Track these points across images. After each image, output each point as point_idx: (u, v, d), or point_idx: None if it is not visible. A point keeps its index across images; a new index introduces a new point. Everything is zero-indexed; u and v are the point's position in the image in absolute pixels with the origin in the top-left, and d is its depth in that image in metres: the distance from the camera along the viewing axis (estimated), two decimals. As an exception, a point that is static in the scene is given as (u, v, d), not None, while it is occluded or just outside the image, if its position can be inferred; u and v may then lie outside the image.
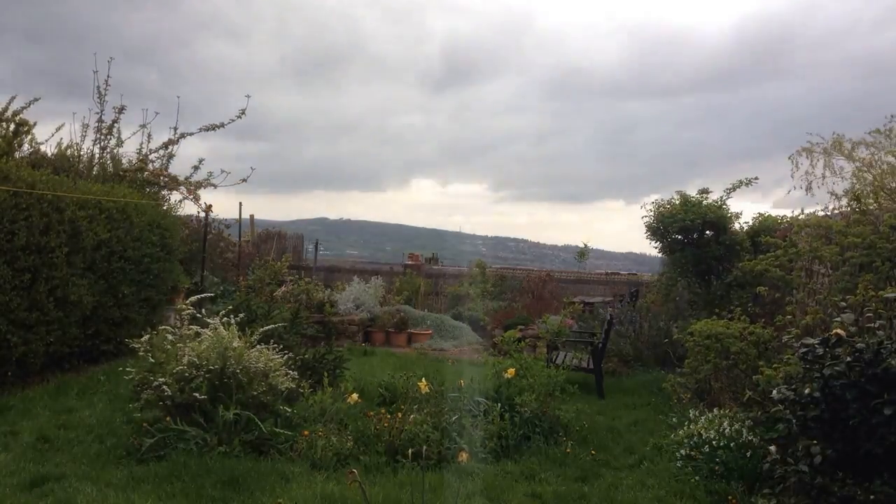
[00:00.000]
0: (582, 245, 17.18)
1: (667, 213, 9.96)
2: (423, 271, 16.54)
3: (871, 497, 3.74)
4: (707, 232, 9.84)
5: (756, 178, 9.97)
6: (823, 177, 7.14)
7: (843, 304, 5.02)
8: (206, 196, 12.01)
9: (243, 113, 12.03)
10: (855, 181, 6.87)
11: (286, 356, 6.33)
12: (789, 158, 7.47)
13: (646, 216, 10.38)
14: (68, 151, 10.54)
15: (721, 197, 10.01)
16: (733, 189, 10.03)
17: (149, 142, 11.62)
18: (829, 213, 7.14)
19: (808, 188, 7.21)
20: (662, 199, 10.28)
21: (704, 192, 10.09)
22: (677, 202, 10.03)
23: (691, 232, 9.84)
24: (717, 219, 9.70)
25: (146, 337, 5.99)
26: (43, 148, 10.36)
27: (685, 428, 5.74)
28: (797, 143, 7.44)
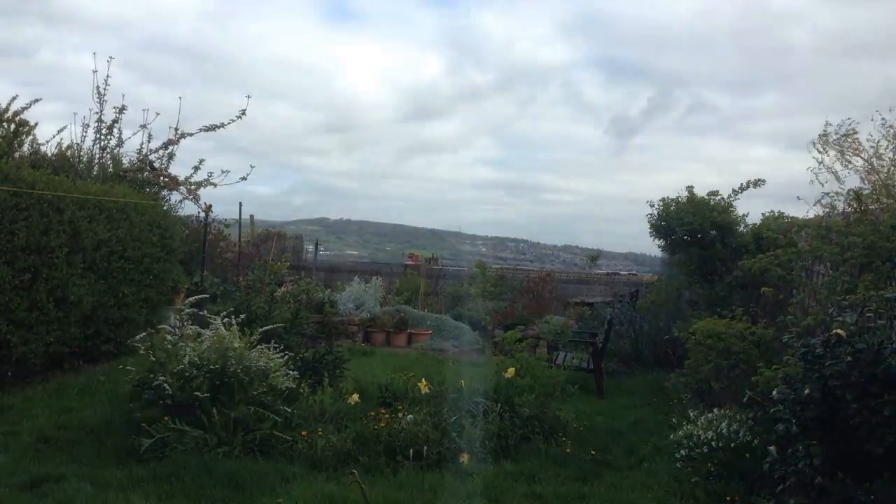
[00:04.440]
0: (596, 250, 17.37)
1: (672, 213, 9.92)
2: (423, 271, 16.55)
3: (872, 497, 3.73)
4: (713, 232, 9.81)
5: (763, 181, 9.93)
6: (835, 172, 7.07)
7: (844, 303, 5.01)
8: (205, 195, 12.00)
9: (244, 113, 12.03)
10: (864, 181, 6.83)
11: (286, 356, 6.32)
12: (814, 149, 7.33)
13: (650, 213, 10.35)
14: (68, 152, 10.54)
15: (728, 196, 9.97)
16: (741, 190, 9.99)
17: (149, 142, 11.62)
18: (831, 213, 7.11)
19: (836, 177, 7.10)
20: (669, 197, 10.24)
21: (713, 194, 10.06)
22: (684, 201, 9.99)
23: (697, 233, 9.81)
24: (724, 221, 9.66)
25: (146, 335, 5.99)
26: (43, 148, 10.36)
27: (684, 428, 5.73)
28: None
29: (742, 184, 9.97)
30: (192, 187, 11.78)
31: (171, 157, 11.88)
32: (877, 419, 3.76)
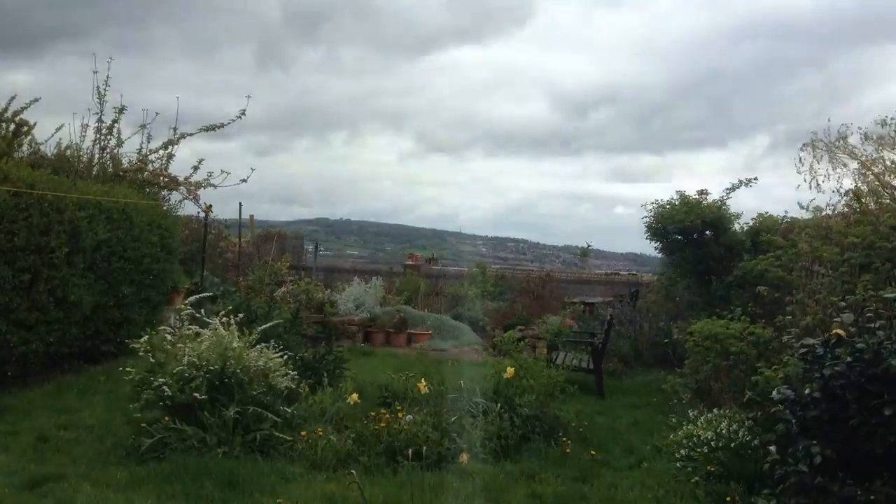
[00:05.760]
0: (586, 245, 17.40)
1: (666, 214, 9.98)
2: (423, 271, 16.52)
3: (871, 497, 3.73)
4: (707, 232, 9.85)
5: (755, 179, 9.98)
6: (827, 173, 7.06)
7: (843, 304, 5.01)
8: (205, 195, 11.99)
9: (243, 113, 12.04)
10: (858, 180, 6.82)
11: (286, 356, 6.32)
12: (801, 153, 7.33)
13: (646, 216, 10.40)
14: (68, 152, 10.54)
15: (721, 197, 10.02)
16: (733, 189, 10.04)
17: (148, 142, 11.62)
18: (830, 213, 7.10)
19: (817, 186, 7.09)
20: (662, 200, 10.32)
21: (703, 192, 10.10)
22: (676, 202, 10.04)
23: (691, 232, 9.85)
24: (717, 219, 9.70)
25: (146, 337, 5.99)
26: (42, 148, 10.36)
27: (684, 428, 5.74)
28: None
29: (734, 182, 10.03)
30: (192, 187, 11.78)
31: (170, 157, 11.90)
32: (877, 419, 3.77)
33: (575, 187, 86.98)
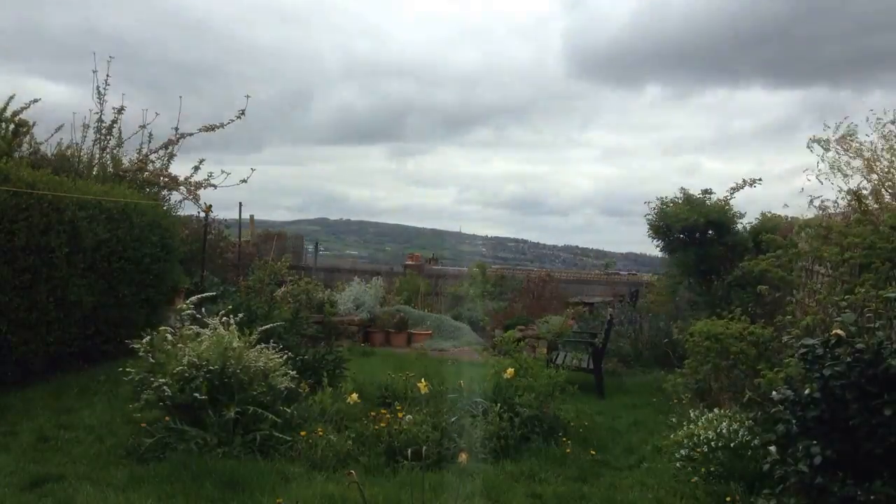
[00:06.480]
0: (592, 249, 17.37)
1: (670, 212, 9.99)
2: (423, 272, 16.53)
3: (871, 497, 3.73)
4: (710, 232, 9.86)
5: (759, 180, 9.99)
6: (832, 172, 7.05)
7: (843, 304, 5.02)
8: (205, 195, 11.99)
9: (242, 113, 12.05)
10: (863, 179, 6.81)
11: (286, 356, 6.32)
12: (810, 144, 7.29)
13: (648, 214, 10.41)
14: (68, 152, 10.54)
15: (725, 196, 10.03)
16: (736, 189, 10.04)
17: (149, 142, 11.62)
18: (832, 212, 7.09)
19: (829, 175, 7.04)
20: (666, 198, 10.33)
21: (707, 192, 10.12)
22: (680, 201, 10.04)
23: (694, 231, 9.86)
24: (721, 219, 9.71)
25: (146, 337, 5.98)
26: (42, 148, 10.36)
27: (684, 428, 5.74)
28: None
29: (738, 182, 10.04)
30: (192, 187, 11.78)
31: (171, 157, 11.90)
32: (877, 419, 3.77)
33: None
